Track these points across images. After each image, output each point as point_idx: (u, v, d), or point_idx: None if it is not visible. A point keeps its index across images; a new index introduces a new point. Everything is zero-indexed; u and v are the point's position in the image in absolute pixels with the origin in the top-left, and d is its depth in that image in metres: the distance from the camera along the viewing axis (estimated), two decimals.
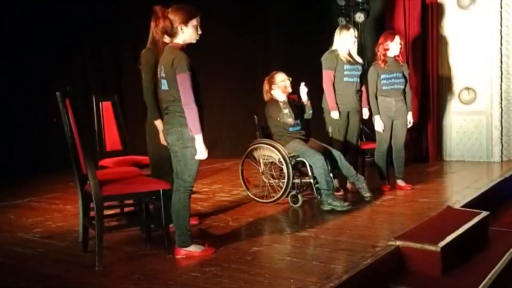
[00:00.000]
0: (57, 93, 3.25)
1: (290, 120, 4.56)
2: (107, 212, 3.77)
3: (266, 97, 4.80)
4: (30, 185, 6.38)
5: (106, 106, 4.68)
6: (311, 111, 4.80)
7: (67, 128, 3.26)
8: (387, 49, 4.89)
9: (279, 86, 4.65)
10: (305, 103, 4.75)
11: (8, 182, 6.46)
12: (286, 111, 4.54)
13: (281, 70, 4.79)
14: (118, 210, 4.25)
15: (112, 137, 4.66)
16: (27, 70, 7.39)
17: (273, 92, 4.70)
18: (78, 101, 3.76)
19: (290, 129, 4.65)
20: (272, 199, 4.64)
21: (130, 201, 4.14)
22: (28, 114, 7.34)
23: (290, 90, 4.69)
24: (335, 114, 4.79)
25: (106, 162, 4.34)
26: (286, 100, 4.61)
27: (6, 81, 7.10)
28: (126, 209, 4.26)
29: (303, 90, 4.69)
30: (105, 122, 4.64)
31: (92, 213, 3.23)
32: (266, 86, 4.78)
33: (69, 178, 4.90)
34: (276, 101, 4.66)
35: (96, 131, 4.61)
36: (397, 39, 4.89)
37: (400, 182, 5.08)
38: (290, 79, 4.71)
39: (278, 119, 4.62)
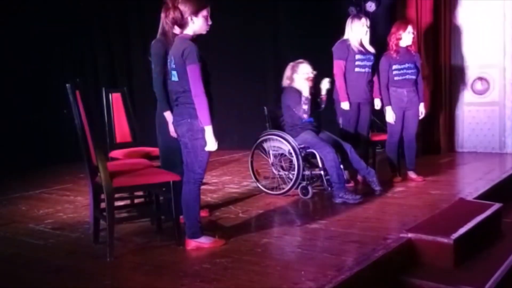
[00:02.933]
0: (67, 84, 3.25)
1: (305, 116, 4.50)
2: (118, 203, 3.78)
3: (284, 83, 4.69)
4: (41, 176, 6.43)
5: (116, 98, 4.68)
6: (323, 105, 4.74)
7: (77, 120, 3.26)
8: (400, 39, 4.83)
9: (301, 77, 4.54)
10: (322, 96, 4.66)
11: (19, 174, 6.52)
12: (305, 107, 4.46)
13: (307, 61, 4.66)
14: (128, 202, 4.26)
15: (122, 128, 4.67)
16: (37, 62, 7.42)
17: (297, 82, 4.57)
18: (88, 93, 3.77)
19: (302, 120, 4.61)
20: (282, 191, 4.62)
21: (141, 193, 4.16)
22: (39, 105, 7.39)
23: (311, 84, 4.56)
24: (345, 105, 4.74)
25: (116, 154, 4.35)
26: (309, 97, 4.49)
27: (16, 74, 7.14)
28: (136, 201, 4.27)
29: (325, 85, 4.59)
30: (115, 113, 4.64)
31: (103, 205, 3.24)
32: (288, 72, 4.66)
33: (80, 170, 4.93)
34: (298, 92, 4.54)
35: (106, 122, 4.62)
36: (409, 28, 4.82)
37: (412, 174, 5.04)
38: (315, 72, 4.60)
39: (295, 110, 4.55)
